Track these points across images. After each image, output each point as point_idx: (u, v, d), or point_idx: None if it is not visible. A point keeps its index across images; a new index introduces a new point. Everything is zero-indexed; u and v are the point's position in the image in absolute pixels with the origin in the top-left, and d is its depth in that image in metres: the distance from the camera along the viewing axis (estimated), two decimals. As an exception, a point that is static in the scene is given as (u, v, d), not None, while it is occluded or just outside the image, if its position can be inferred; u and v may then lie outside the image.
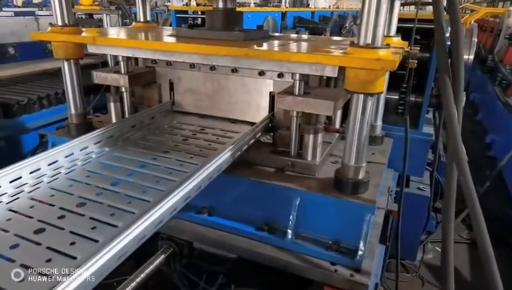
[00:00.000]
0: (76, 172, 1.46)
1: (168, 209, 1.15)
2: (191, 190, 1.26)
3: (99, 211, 1.18)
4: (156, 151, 1.62)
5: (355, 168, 1.46)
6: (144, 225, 1.05)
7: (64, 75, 1.92)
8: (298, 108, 1.55)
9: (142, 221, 1.05)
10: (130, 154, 1.58)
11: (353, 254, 1.43)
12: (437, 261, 3.84)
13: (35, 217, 1.15)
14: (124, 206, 1.21)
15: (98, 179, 1.40)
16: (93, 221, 1.13)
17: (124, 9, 5.45)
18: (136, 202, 1.25)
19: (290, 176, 1.61)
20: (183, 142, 1.73)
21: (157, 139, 1.75)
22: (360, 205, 1.43)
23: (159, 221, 1.11)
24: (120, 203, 1.23)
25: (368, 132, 1.42)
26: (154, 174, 1.44)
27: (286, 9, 5.48)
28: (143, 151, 1.61)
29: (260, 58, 1.53)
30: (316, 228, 1.52)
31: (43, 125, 3.48)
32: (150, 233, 1.08)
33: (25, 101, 3.36)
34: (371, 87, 1.32)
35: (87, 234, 1.07)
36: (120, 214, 1.18)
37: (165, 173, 1.44)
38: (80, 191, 1.31)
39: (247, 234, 1.59)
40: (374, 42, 1.29)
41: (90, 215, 1.16)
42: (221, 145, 1.69)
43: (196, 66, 1.88)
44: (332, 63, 1.38)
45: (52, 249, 1.00)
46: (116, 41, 1.78)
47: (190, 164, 1.52)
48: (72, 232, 1.08)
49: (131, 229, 1.01)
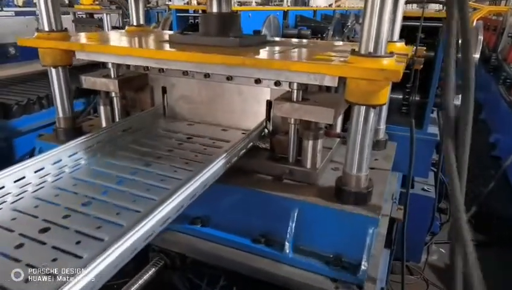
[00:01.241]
0: (64, 180, 1.37)
1: (159, 221, 1.06)
2: (185, 199, 1.18)
3: (84, 224, 1.09)
4: (148, 156, 1.53)
5: (358, 177, 1.36)
6: (134, 238, 0.97)
7: (51, 82, 1.84)
8: (296, 115, 1.46)
9: (132, 234, 0.97)
10: (121, 161, 1.49)
11: (355, 270, 1.34)
12: (441, 263, 3.77)
13: (16, 231, 1.06)
14: (112, 218, 1.12)
15: (85, 188, 1.31)
16: (78, 234, 1.04)
17: (124, 9, 5.38)
18: (125, 213, 1.16)
19: (288, 185, 1.52)
20: (178, 147, 1.64)
21: (150, 143, 1.66)
22: (363, 217, 1.33)
23: (149, 233, 1.03)
24: (108, 214, 1.14)
25: (370, 140, 1.33)
26: (145, 181, 1.35)
27: (288, 8, 5.37)
28: (134, 157, 1.52)
29: (257, 67, 1.44)
30: (315, 240, 1.42)
31: (43, 126, 3.40)
32: (140, 247, 1.00)
33: (25, 102, 3.28)
34: (373, 99, 1.22)
35: (71, 249, 0.98)
36: (108, 226, 1.09)
37: (157, 180, 1.35)
38: (66, 201, 1.22)
39: (243, 247, 1.49)
40: (376, 50, 1.19)
41: (75, 229, 1.07)
42: (217, 149, 1.59)
43: (190, 73, 1.78)
44: (332, 73, 1.29)
45: (31, 265, 0.91)
46: (105, 49, 1.69)
47: (184, 170, 1.43)
48: (54, 247, 0.99)
49: (120, 243, 0.93)
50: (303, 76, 1.38)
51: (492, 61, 6.34)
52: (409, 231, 2.25)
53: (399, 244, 2.13)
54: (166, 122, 1.90)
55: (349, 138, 1.34)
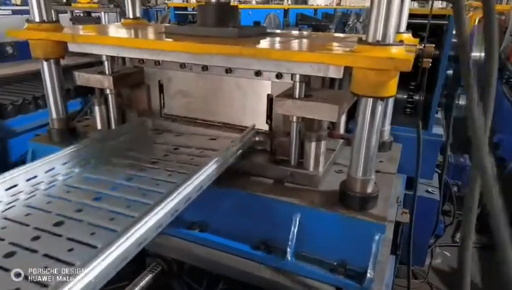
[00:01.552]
0: (56, 188, 1.31)
1: (152, 226, 1.01)
2: (179, 203, 1.12)
3: (78, 230, 1.05)
4: (143, 162, 1.46)
5: (363, 181, 1.30)
6: (126, 245, 0.91)
7: (43, 77, 1.77)
8: (299, 113, 1.38)
9: (124, 240, 0.91)
10: (115, 166, 1.43)
11: (361, 278, 1.27)
12: (445, 267, 3.70)
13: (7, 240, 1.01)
14: (106, 224, 1.07)
15: (78, 194, 1.25)
16: (70, 242, 1.00)
17: (122, 7, 5.32)
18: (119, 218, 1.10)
19: (290, 189, 1.45)
20: (174, 151, 1.57)
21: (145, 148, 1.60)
22: (368, 223, 1.26)
23: (143, 239, 0.97)
24: (101, 220, 1.09)
25: (377, 140, 1.26)
26: (140, 186, 1.28)
27: (288, 6, 5.33)
28: (129, 163, 1.45)
29: (256, 57, 1.36)
30: (319, 247, 1.36)
31: (39, 126, 3.33)
32: (133, 253, 0.95)
33: (20, 101, 3.21)
34: (382, 90, 1.15)
35: (63, 257, 0.93)
36: (101, 232, 1.04)
37: (153, 184, 1.29)
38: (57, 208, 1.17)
39: (242, 253, 1.42)
40: (385, 39, 1.12)
41: (68, 236, 1.02)
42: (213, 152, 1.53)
43: (187, 66, 1.71)
44: (337, 63, 1.21)
45: (20, 274, 0.86)
46: (97, 39, 1.62)
47: (179, 173, 1.37)
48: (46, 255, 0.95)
49: (112, 249, 0.88)
50: (306, 67, 1.30)
51: (496, 60, 6.26)
52: (413, 234, 2.19)
53: (404, 249, 2.07)
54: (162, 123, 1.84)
55: (355, 137, 1.27)
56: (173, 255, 1.53)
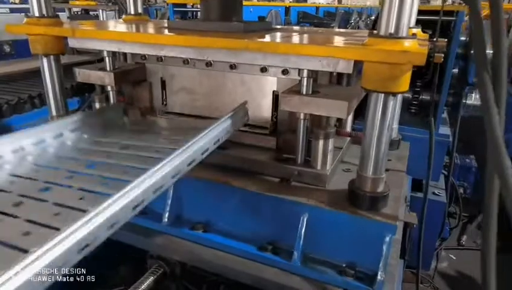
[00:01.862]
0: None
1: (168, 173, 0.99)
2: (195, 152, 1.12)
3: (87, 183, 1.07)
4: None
5: (374, 179, 1.25)
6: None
7: (43, 73, 1.73)
8: (306, 110, 1.33)
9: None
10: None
11: (371, 280, 1.22)
12: (451, 270, 3.64)
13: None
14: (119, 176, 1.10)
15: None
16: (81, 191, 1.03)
17: (120, 5, 5.27)
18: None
19: (297, 188, 1.40)
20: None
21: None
22: (380, 223, 1.21)
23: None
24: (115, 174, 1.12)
25: (388, 138, 1.21)
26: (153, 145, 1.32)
27: (290, 4, 5.28)
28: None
29: (262, 51, 1.31)
30: (327, 248, 1.31)
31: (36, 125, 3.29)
32: (150, 198, 0.93)
33: (15, 101, 3.17)
34: (394, 86, 1.10)
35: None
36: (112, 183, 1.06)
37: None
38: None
39: (248, 255, 1.37)
40: (397, 31, 1.07)
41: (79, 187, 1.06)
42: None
43: (190, 61, 1.67)
44: (348, 57, 1.16)
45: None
46: (98, 34, 1.57)
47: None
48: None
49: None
50: (314, 61, 1.25)
51: (499, 60, 6.23)
52: (419, 237, 2.14)
53: (411, 252, 2.02)
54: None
55: (365, 134, 1.22)
56: (176, 256, 1.49)
